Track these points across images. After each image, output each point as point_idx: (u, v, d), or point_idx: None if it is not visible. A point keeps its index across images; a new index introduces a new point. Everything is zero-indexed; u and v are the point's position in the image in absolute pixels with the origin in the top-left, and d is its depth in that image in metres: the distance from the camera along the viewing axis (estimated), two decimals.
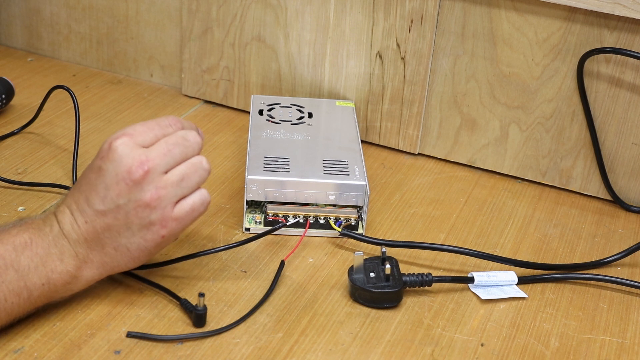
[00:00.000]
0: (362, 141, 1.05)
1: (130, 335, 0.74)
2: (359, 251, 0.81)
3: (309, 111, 1.02)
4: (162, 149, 0.73)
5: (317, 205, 0.89)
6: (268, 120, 0.99)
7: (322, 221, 0.89)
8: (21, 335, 0.73)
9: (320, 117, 1.01)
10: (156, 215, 0.73)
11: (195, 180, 0.75)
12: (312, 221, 0.89)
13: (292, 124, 0.99)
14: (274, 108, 1.02)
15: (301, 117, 1.01)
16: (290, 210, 0.89)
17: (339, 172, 0.89)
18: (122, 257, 0.74)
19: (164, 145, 0.73)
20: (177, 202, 0.74)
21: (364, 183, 0.88)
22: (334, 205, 0.89)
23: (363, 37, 1.04)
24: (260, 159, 0.91)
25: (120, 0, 1.17)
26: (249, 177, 0.87)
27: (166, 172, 0.73)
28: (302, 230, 0.88)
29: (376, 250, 0.88)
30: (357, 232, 0.89)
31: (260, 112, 1.01)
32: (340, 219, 0.89)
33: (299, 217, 0.89)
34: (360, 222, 0.90)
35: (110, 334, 0.74)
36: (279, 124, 0.99)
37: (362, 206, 0.89)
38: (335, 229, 0.88)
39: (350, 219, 0.89)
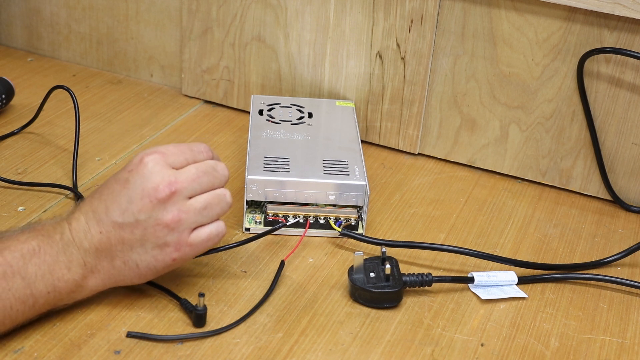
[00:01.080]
0: (362, 141, 1.05)
1: (130, 335, 0.74)
2: (359, 251, 0.81)
3: (309, 111, 1.02)
4: (192, 174, 0.74)
5: (317, 205, 0.89)
6: (268, 120, 0.99)
7: (322, 221, 0.89)
8: (21, 335, 0.73)
9: (320, 117, 1.01)
10: (172, 238, 0.73)
11: (217, 211, 0.75)
12: (312, 221, 0.89)
13: (292, 124, 0.99)
14: (274, 108, 1.02)
15: (301, 117, 1.01)
16: (290, 210, 0.89)
17: (339, 172, 0.89)
18: (129, 272, 0.74)
19: (194, 171, 0.74)
20: (194, 228, 0.74)
21: (364, 183, 0.88)
22: (334, 205, 0.89)
23: (363, 37, 1.04)
24: (260, 159, 0.91)
25: (120, 0, 1.17)
26: (249, 177, 0.87)
27: (190, 198, 0.74)
28: (302, 230, 0.88)
29: (376, 250, 0.88)
30: (357, 232, 0.89)
31: (260, 112, 1.01)
32: (340, 219, 0.89)
33: (299, 217, 0.89)
34: (360, 222, 0.90)
35: (110, 334, 0.74)
36: (279, 124, 0.99)
37: (362, 206, 0.89)
38: (335, 229, 0.88)
39: (350, 219, 0.89)
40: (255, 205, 0.91)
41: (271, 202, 0.89)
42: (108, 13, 1.19)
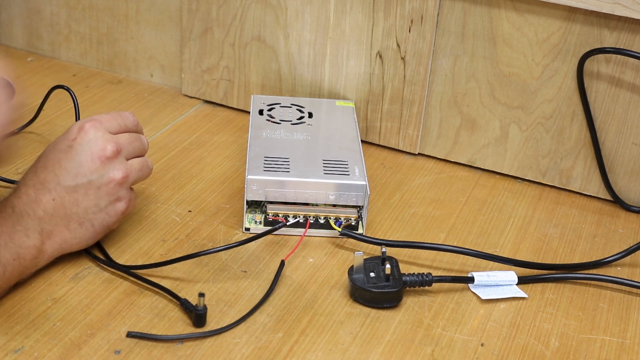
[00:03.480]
0: (362, 141, 1.05)
1: (130, 335, 0.74)
2: (359, 251, 0.81)
3: (309, 111, 1.02)
4: (128, 139, 0.83)
5: (317, 205, 0.89)
6: (268, 120, 0.99)
7: (322, 221, 0.89)
8: (21, 335, 0.73)
9: (320, 117, 1.01)
10: (123, 193, 0.81)
11: (146, 172, 0.85)
12: (312, 221, 0.89)
13: (292, 124, 0.99)
14: (274, 108, 1.02)
15: (301, 117, 1.01)
16: (290, 210, 0.89)
17: (339, 172, 0.89)
18: (85, 233, 0.80)
19: (128, 136, 0.83)
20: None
21: (364, 183, 0.88)
22: (334, 205, 0.89)
23: (363, 37, 1.04)
24: (260, 159, 0.91)
25: (120, 0, 1.17)
26: (249, 177, 0.87)
27: (127, 160, 0.83)
28: (302, 230, 0.88)
29: (376, 250, 0.88)
30: (357, 232, 0.89)
31: (261, 112, 1.01)
32: (340, 219, 0.89)
33: (299, 217, 0.89)
34: (360, 222, 0.90)
35: (110, 334, 0.74)
36: (279, 124, 0.99)
37: (362, 206, 0.89)
38: (335, 229, 0.88)
39: (350, 219, 0.89)
40: (255, 205, 0.91)
41: (271, 202, 0.89)
42: (108, 13, 1.19)
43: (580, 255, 0.91)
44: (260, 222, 0.89)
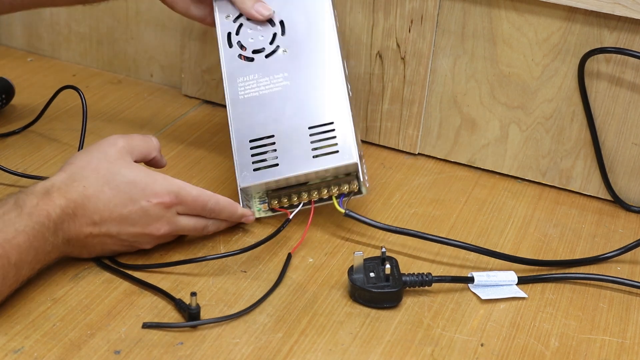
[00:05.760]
0: (362, 141, 1.05)
1: (145, 326, 0.74)
2: (358, 251, 0.81)
3: (281, 19, 0.94)
4: (181, 232, 0.84)
5: (315, 182, 0.88)
6: (240, 57, 0.93)
7: (325, 197, 0.88)
8: (21, 336, 0.73)
9: (294, 29, 0.93)
10: (133, 250, 0.84)
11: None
12: (315, 200, 0.87)
13: (266, 57, 0.92)
14: (242, 26, 0.94)
15: (274, 36, 0.93)
16: (291, 193, 0.88)
17: (328, 151, 0.86)
18: (84, 256, 0.82)
19: (182, 230, 0.84)
20: None
21: (355, 161, 0.85)
22: (333, 179, 0.88)
23: (363, 37, 1.04)
24: (247, 149, 0.88)
25: (120, 0, 1.17)
26: (242, 185, 0.87)
27: None
28: (308, 207, 0.87)
29: (376, 251, 0.88)
30: (361, 215, 0.87)
31: (229, 41, 0.94)
32: (343, 193, 0.87)
33: (300, 203, 0.87)
34: (360, 186, 0.87)
35: (110, 334, 0.74)
36: (252, 60, 0.92)
37: (357, 172, 0.86)
38: (339, 210, 0.87)
39: (352, 189, 0.87)
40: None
41: (273, 190, 0.88)
42: (108, 13, 1.19)
43: (580, 255, 0.91)
44: (267, 210, 0.89)
